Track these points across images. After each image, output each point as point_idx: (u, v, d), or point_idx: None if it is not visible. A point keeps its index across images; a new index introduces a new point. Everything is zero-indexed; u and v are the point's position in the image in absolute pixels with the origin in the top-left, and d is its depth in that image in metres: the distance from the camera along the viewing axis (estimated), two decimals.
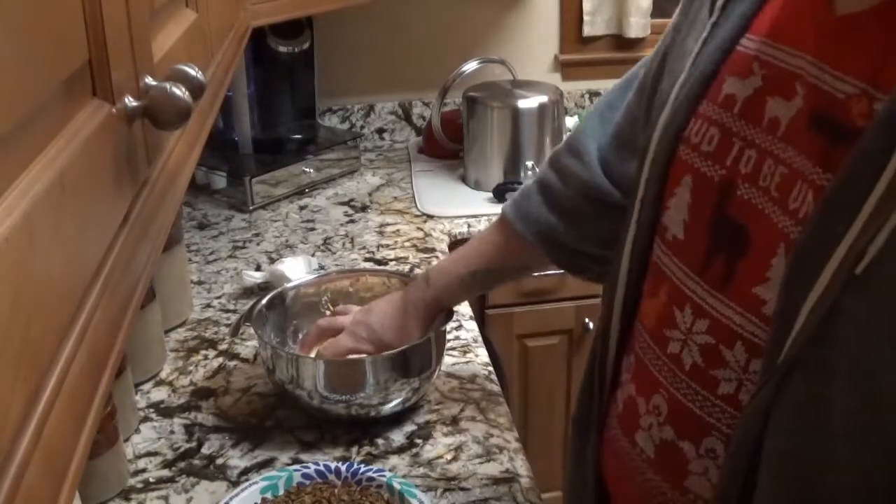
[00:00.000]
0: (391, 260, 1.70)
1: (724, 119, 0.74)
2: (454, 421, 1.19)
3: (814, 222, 0.63)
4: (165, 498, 1.07)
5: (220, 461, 1.13)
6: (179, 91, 0.51)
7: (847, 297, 0.59)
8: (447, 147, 2.11)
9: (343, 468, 1.05)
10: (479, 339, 1.40)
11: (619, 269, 0.84)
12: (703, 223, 0.75)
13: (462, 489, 1.06)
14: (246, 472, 1.11)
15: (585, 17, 2.31)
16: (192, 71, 0.59)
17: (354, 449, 1.14)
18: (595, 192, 1.04)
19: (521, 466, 1.11)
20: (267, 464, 1.12)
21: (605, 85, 2.37)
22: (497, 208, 1.88)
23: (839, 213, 0.60)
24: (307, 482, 1.05)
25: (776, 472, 0.64)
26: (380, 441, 1.15)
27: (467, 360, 1.34)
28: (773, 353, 0.64)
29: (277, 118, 2.16)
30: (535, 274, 1.83)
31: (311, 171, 2.03)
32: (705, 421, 0.73)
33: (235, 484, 1.08)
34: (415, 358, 1.14)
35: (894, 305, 0.57)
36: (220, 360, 1.36)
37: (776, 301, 0.65)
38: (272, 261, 1.68)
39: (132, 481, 1.10)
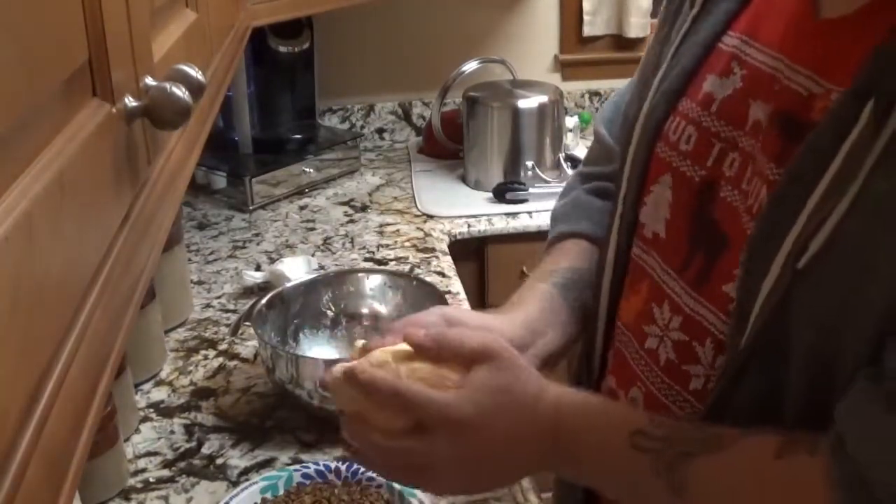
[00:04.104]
0: (391, 260, 1.69)
1: (701, 118, 0.75)
2: None
3: (763, 217, 0.64)
4: (165, 498, 1.07)
5: (220, 461, 1.13)
6: (179, 91, 0.51)
7: (793, 291, 0.60)
8: (447, 147, 2.10)
9: (343, 468, 1.05)
10: None
11: (605, 264, 0.85)
12: (684, 222, 0.75)
13: None
14: (246, 472, 1.11)
15: (585, 17, 2.30)
16: (192, 71, 0.59)
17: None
18: None
19: None
20: (267, 464, 1.12)
21: (605, 85, 2.37)
22: (496, 208, 1.89)
23: (786, 207, 0.61)
24: (307, 482, 1.05)
25: None
26: None
27: None
28: (733, 347, 0.66)
29: (277, 118, 2.16)
30: None
31: (311, 171, 2.03)
32: (677, 415, 0.74)
33: (235, 484, 1.08)
34: None
35: (836, 300, 0.58)
36: (220, 360, 1.36)
37: (735, 296, 0.67)
38: (272, 261, 1.68)
39: (132, 481, 1.10)
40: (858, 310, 0.57)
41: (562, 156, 2.00)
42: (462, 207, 1.91)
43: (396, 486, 1.01)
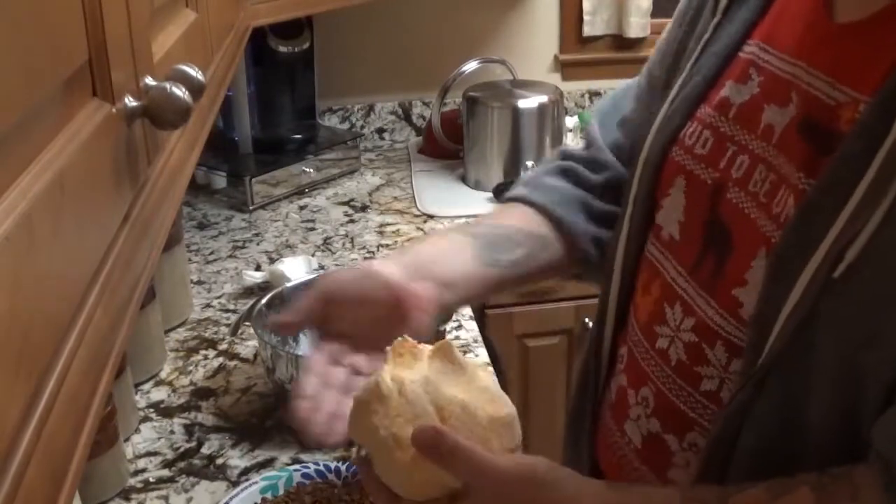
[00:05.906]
0: None
1: (717, 123, 0.75)
2: None
3: (792, 226, 0.64)
4: (165, 498, 1.07)
5: (220, 461, 1.13)
6: (179, 91, 0.51)
7: (824, 301, 0.60)
8: (447, 147, 2.10)
9: (343, 468, 1.05)
10: (480, 338, 1.40)
11: (614, 264, 0.85)
12: (697, 225, 0.76)
13: None
14: (246, 472, 1.11)
15: (585, 17, 2.30)
16: (192, 71, 0.59)
17: (354, 449, 1.14)
18: (611, 173, 0.96)
19: None
20: (267, 464, 1.12)
21: (605, 85, 2.37)
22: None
23: (818, 217, 0.61)
24: (307, 482, 1.05)
25: (746, 469, 0.66)
26: None
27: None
28: (752, 356, 0.65)
29: (277, 118, 2.15)
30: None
31: (311, 171, 2.03)
32: (689, 416, 0.74)
33: (235, 484, 1.08)
34: None
35: (871, 309, 0.58)
36: (220, 360, 1.36)
37: (755, 304, 0.66)
38: (272, 261, 1.68)
39: (132, 481, 1.10)
40: (891, 320, 0.57)
41: None
42: (462, 207, 1.91)
43: None
